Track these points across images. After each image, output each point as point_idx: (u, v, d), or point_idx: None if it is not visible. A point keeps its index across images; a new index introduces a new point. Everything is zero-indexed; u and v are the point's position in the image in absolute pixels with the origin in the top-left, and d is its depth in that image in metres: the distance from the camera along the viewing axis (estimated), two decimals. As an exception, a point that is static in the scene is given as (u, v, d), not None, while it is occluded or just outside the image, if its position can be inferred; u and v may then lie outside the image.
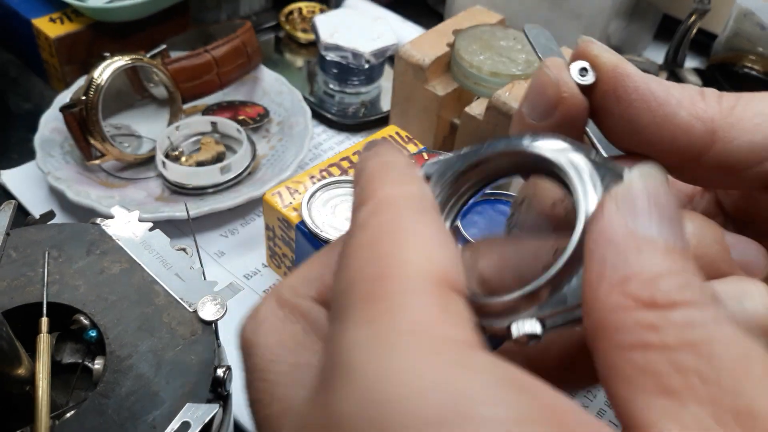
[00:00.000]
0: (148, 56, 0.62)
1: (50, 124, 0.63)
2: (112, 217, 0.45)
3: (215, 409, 0.33)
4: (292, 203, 0.50)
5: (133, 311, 0.38)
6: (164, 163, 0.60)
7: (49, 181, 0.58)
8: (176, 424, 0.33)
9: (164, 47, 0.64)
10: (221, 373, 0.36)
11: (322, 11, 0.84)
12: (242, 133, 0.63)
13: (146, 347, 0.36)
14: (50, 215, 0.47)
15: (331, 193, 0.51)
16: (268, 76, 0.72)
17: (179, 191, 0.60)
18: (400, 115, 0.65)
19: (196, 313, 0.38)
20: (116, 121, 0.67)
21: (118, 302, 0.39)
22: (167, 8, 0.72)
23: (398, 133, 0.57)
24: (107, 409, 0.34)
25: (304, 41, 0.82)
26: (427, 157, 0.53)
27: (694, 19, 0.70)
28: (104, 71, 0.58)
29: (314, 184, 0.51)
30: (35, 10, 0.70)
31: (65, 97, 0.63)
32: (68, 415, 0.35)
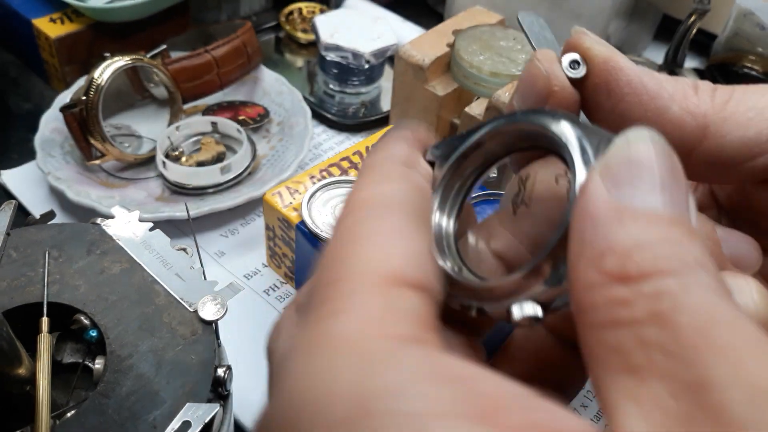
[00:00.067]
0: (148, 56, 0.62)
1: (50, 124, 0.63)
2: (112, 217, 0.45)
3: (216, 408, 0.33)
4: (292, 203, 0.50)
5: (133, 311, 0.38)
6: (164, 163, 0.60)
7: (49, 181, 0.58)
8: (177, 423, 0.33)
9: (164, 47, 0.64)
10: (222, 372, 0.36)
11: (322, 11, 0.84)
12: (242, 133, 0.63)
13: (147, 347, 0.36)
14: (50, 215, 0.47)
15: (331, 193, 0.51)
16: (268, 76, 0.72)
17: (179, 191, 0.60)
18: (400, 115, 0.65)
19: (196, 312, 0.38)
20: (116, 121, 0.67)
21: (118, 302, 0.39)
22: (167, 8, 0.72)
23: (398, 133, 0.57)
24: (108, 408, 0.34)
25: (304, 41, 0.82)
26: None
27: (693, 19, 0.70)
28: (104, 71, 0.59)
29: (314, 184, 0.51)
30: (35, 10, 0.70)
31: (65, 97, 0.63)
32: (69, 414, 0.35)
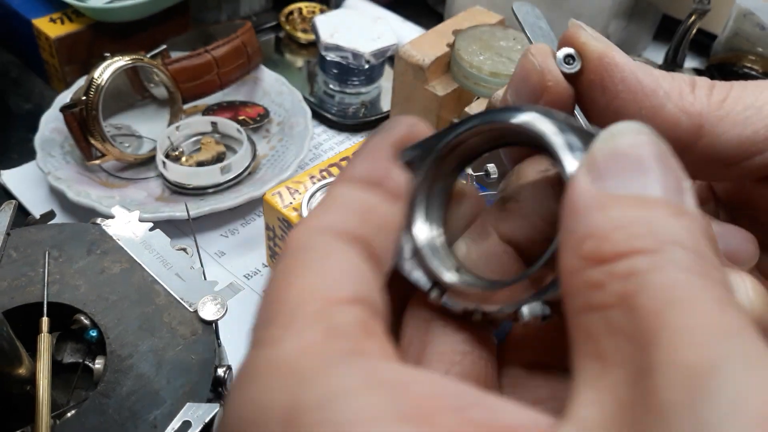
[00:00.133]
0: (148, 56, 0.62)
1: (50, 124, 0.63)
2: (112, 217, 0.45)
3: (216, 408, 0.33)
4: (292, 203, 0.50)
5: (133, 311, 0.38)
6: (164, 163, 0.60)
7: (49, 181, 0.58)
8: (177, 423, 0.33)
9: (164, 47, 0.64)
10: (222, 372, 0.36)
11: (322, 11, 0.84)
12: (242, 133, 0.63)
13: (147, 347, 0.36)
14: (50, 215, 0.47)
15: (331, 193, 0.51)
16: (268, 76, 0.72)
17: (179, 191, 0.60)
18: (400, 115, 0.65)
19: (196, 312, 0.38)
20: (116, 121, 0.67)
21: (118, 302, 0.39)
22: (168, 8, 0.72)
23: (398, 133, 0.57)
24: (108, 408, 0.34)
25: (304, 41, 0.82)
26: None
27: (693, 19, 0.70)
28: (105, 71, 0.59)
29: (314, 184, 0.51)
30: (36, 10, 0.70)
31: (65, 97, 0.63)
32: (69, 414, 0.35)
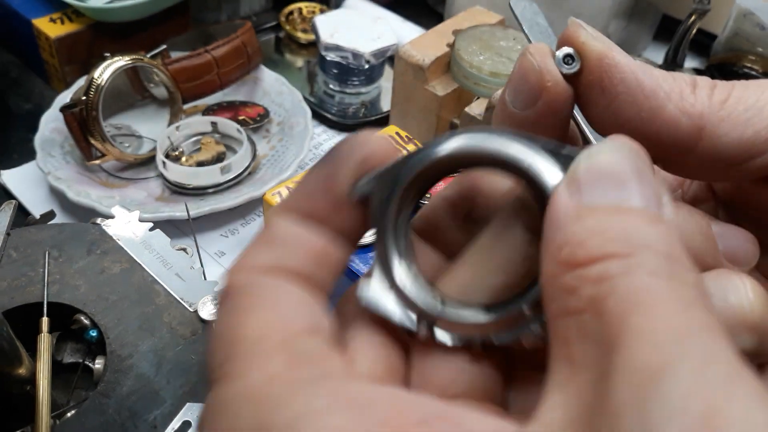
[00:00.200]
0: (148, 56, 0.62)
1: (50, 124, 0.63)
2: (112, 217, 0.45)
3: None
4: (292, 203, 0.50)
5: (133, 311, 0.38)
6: (164, 163, 0.60)
7: (49, 181, 0.58)
8: (177, 423, 0.33)
9: (164, 47, 0.64)
10: (222, 372, 0.36)
11: (322, 11, 0.84)
12: (242, 133, 0.63)
13: (147, 347, 0.36)
14: (50, 215, 0.47)
15: (331, 193, 0.51)
16: (268, 76, 0.72)
17: (179, 191, 0.60)
18: (400, 115, 0.65)
19: (196, 312, 0.38)
20: (116, 121, 0.67)
21: (118, 302, 0.39)
22: (168, 8, 0.72)
23: (398, 133, 0.57)
24: (108, 408, 0.34)
25: (304, 41, 0.82)
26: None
27: (693, 19, 0.70)
28: (104, 71, 0.59)
29: (314, 184, 0.51)
30: (36, 10, 0.70)
31: (65, 97, 0.63)
32: (69, 414, 0.35)
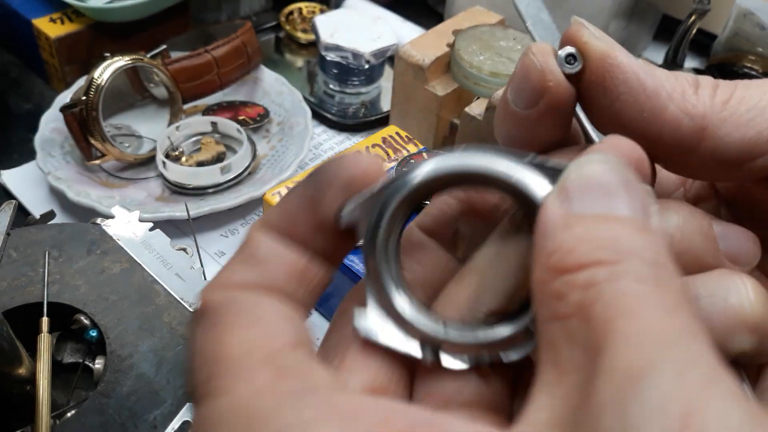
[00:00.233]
0: (148, 56, 0.62)
1: (50, 124, 0.63)
2: (112, 217, 0.45)
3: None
4: (292, 203, 0.50)
5: (133, 311, 0.38)
6: (164, 163, 0.60)
7: (49, 181, 0.58)
8: (177, 423, 0.33)
9: (164, 47, 0.64)
10: (222, 372, 0.36)
11: (322, 11, 0.84)
12: (242, 133, 0.63)
13: (147, 347, 0.36)
14: (50, 215, 0.47)
15: (331, 193, 0.51)
16: (268, 76, 0.72)
17: (179, 191, 0.60)
18: (400, 115, 0.65)
19: (196, 312, 0.38)
20: (116, 121, 0.67)
21: (118, 302, 0.39)
22: (168, 8, 0.72)
23: (398, 133, 0.57)
24: (108, 408, 0.34)
25: (304, 41, 0.82)
26: (426, 157, 0.53)
27: (693, 19, 0.70)
28: (105, 71, 0.59)
29: (314, 184, 0.51)
30: (35, 10, 0.70)
31: (65, 97, 0.63)
32: (69, 414, 0.35)
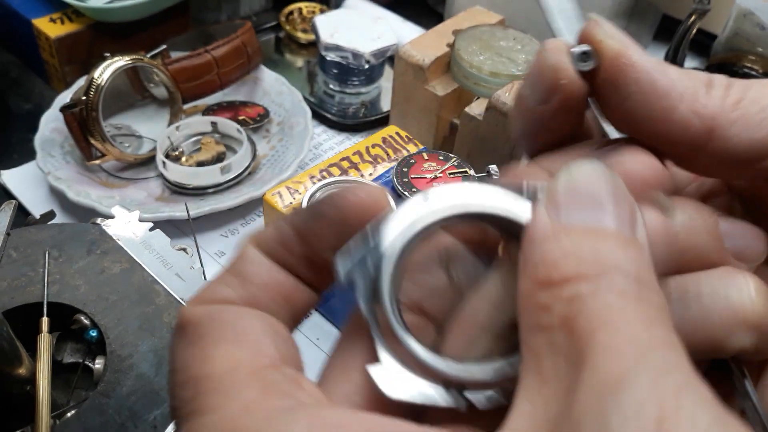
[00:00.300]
0: (148, 56, 0.62)
1: (50, 124, 0.63)
2: (112, 217, 0.45)
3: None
4: (292, 203, 0.50)
5: (133, 311, 0.38)
6: (164, 163, 0.60)
7: (49, 181, 0.58)
8: (177, 423, 0.33)
9: (164, 47, 0.64)
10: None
11: (322, 11, 0.84)
12: (242, 133, 0.63)
13: (147, 347, 0.36)
14: (50, 215, 0.47)
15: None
16: (268, 76, 0.72)
17: (179, 191, 0.60)
18: (400, 115, 0.65)
19: (196, 312, 0.38)
20: (116, 121, 0.67)
21: (118, 302, 0.39)
22: (168, 8, 0.72)
23: (398, 133, 0.57)
24: (108, 408, 0.34)
25: (304, 41, 0.82)
26: (426, 157, 0.53)
27: (693, 19, 0.70)
28: (104, 71, 0.59)
29: (314, 184, 0.51)
30: (36, 10, 0.70)
31: (65, 97, 0.63)
32: (69, 414, 0.35)
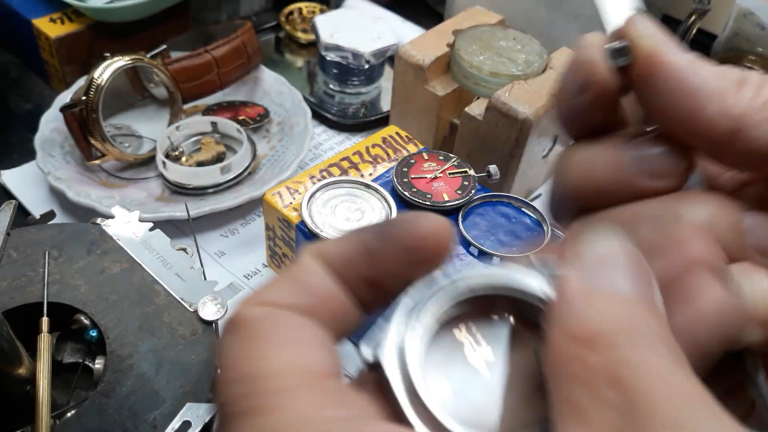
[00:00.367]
0: (148, 56, 0.62)
1: (50, 124, 0.63)
2: (112, 217, 0.45)
3: (216, 408, 0.33)
4: (292, 203, 0.50)
5: (133, 311, 0.38)
6: (164, 163, 0.60)
7: (49, 181, 0.58)
8: (177, 423, 0.33)
9: (164, 47, 0.64)
10: (222, 372, 0.36)
11: (322, 11, 0.84)
12: (242, 133, 0.63)
13: (147, 347, 0.36)
14: (50, 215, 0.47)
15: (331, 193, 0.51)
16: (268, 76, 0.72)
17: (179, 191, 0.60)
18: (400, 115, 0.65)
19: (196, 312, 0.38)
20: (116, 121, 0.67)
21: (118, 302, 0.39)
22: (168, 8, 0.72)
23: (398, 133, 0.57)
24: (108, 408, 0.34)
25: (304, 41, 0.82)
26: (426, 157, 0.53)
27: (693, 19, 0.70)
28: (105, 71, 0.59)
29: (314, 184, 0.51)
30: (36, 10, 0.70)
31: (65, 97, 0.63)
32: (69, 414, 0.35)
